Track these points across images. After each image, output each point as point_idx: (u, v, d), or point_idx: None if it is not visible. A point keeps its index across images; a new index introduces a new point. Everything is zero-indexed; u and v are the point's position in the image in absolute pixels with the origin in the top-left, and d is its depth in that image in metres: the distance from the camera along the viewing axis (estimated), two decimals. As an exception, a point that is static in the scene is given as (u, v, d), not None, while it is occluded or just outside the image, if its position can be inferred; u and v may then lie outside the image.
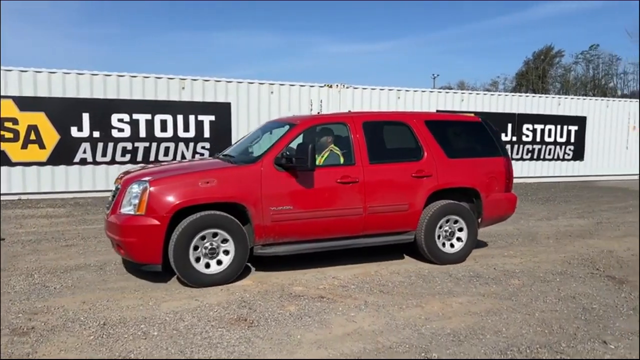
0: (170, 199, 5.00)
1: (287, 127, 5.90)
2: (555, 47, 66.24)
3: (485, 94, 16.19)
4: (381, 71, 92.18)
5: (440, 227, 6.13)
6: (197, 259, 5.14)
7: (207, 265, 5.20)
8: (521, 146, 15.83)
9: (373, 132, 6.05)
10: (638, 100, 17.95)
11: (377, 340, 3.90)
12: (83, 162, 11.34)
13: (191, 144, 12.10)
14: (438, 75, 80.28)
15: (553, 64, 67.64)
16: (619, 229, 8.48)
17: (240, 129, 12.44)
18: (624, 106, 17.37)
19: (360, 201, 5.73)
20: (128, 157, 11.63)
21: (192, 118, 12.05)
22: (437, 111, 14.49)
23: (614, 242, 7.43)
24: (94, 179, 11.43)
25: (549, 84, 66.09)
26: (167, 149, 11.91)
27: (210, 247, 5.17)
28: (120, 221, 5.06)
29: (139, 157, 11.70)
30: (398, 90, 14.21)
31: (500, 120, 15.31)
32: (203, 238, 5.13)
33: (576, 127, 16.51)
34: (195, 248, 5.11)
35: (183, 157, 12.04)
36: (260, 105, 12.61)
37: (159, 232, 4.95)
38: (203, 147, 12.18)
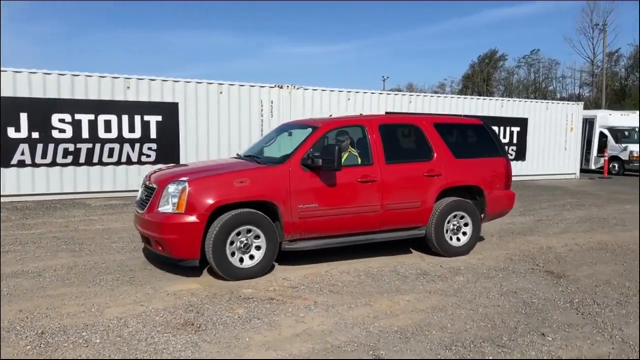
0: (209, 197, 5.31)
1: (309, 130, 6.25)
2: (499, 51, 68.82)
3: (432, 96, 16.57)
4: (332, 73, 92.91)
5: (449, 222, 6.56)
6: (232, 254, 5.41)
7: (241, 260, 5.48)
8: (467, 147, 16.34)
9: (388, 134, 6.45)
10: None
11: (326, 340, 3.92)
12: (21, 164, 10.80)
13: (137, 145, 11.76)
14: (388, 77, 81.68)
15: (497, 68, 70.19)
16: (557, 226, 8.87)
17: (189, 130, 12.22)
18: (562, 108, 18.20)
19: (378, 199, 6.13)
20: (70, 158, 11.17)
21: (137, 118, 11.71)
22: (386, 112, 14.75)
23: (553, 239, 7.77)
24: (33, 181, 10.91)
25: (493, 87, 68.53)
26: (111, 150, 11.53)
27: (244, 242, 5.46)
28: (160, 219, 5.33)
29: (82, 159, 11.27)
30: (348, 91, 14.33)
31: (447, 121, 15.71)
32: (238, 234, 5.42)
33: (518, 129, 17.16)
34: (231, 243, 5.39)
35: (129, 158, 11.68)
36: (209, 105, 12.41)
37: (198, 229, 5.24)
38: (149, 148, 11.87)
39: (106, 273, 5.64)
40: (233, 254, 5.41)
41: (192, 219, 5.23)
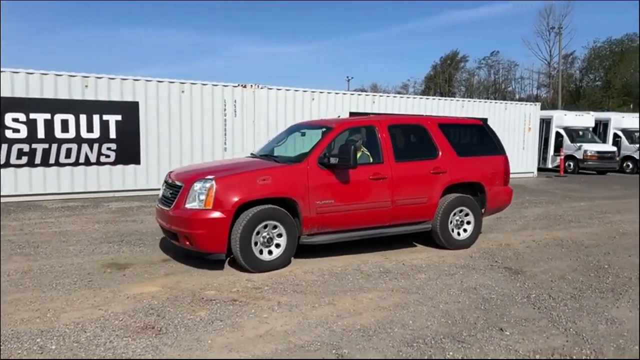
0: (235, 195, 5.61)
1: (324, 130, 6.63)
2: (460, 53, 70.23)
3: (395, 97, 16.77)
4: (297, 73, 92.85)
5: (453, 217, 6.97)
6: (256, 248, 5.72)
7: (261, 252, 5.77)
8: (429, 146, 16.60)
9: (396, 134, 6.82)
10: None
11: (289, 340, 3.91)
12: (-28, 165, 10.37)
13: (96, 145, 11.43)
14: (352, 77, 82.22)
15: (458, 69, 71.65)
16: (516, 224, 9.12)
17: (150, 130, 11.97)
18: (521, 109, 18.71)
19: (389, 195, 6.47)
20: (25, 159, 10.78)
21: (96, 118, 11.38)
22: (350, 113, 14.84)
23: (511, 236, 7.98)
24: (-15, 183, 10.49)
25: (455, 88, 69.90)
26: (69, 151, 11.17)
27: (267, 237, 5.78)
28: (189, 215, 5.60)
29: (37, 160, 10.88)
30: (312, 92, 14.33)
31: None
32: (261, 229, 5.73)
33: (478, 129, 17.55)
34: (254, 238, 5.69)
35: (87, 159, 11.36)
36: (171, 105, 12.18)
37: (225, 224, 5.53)
38: (109, 149, 11.56)
39: (63, 277, 5.47)
40: (256, 246, 5.71)
41: (220, 214, 5.52)
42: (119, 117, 11.63)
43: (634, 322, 4.37)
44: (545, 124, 21.42)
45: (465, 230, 7.09)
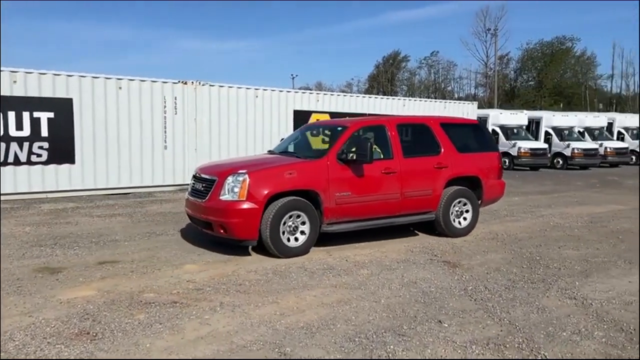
0: (266, 187, 6.17)
1: (340, 129, 7.23)
2: (402, 53, 71.72)
3: (339, 95, 16.90)
4: (240, 70, 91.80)
5: (454, 208, 7.63)
6: (283, 235, 6.27)
7: (288, 240, 6.32)
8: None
9: (404, 132, 7.47)
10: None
11: (231, 340, 3.86)
12: None
13: (26, 144, 10.84)
14: (297, 75, 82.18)
15: (400, 68, 73.13)
16: (454, 218, 9.39)
17: (85, 128, 11.46)
18: (459, 107, 19.32)
19: (398, 188, 7.11)
20: (-54, 159, 10.09)
21: (26, 115, 10.79)
22: (295, 111, 14.84)
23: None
24: None
25: (397, 87, 71.30)
26: (-4, 150, 10.55)
27: (293, 225, 6.33)
28: (224, 206, 6.13)
29: (-39, 159, 10.21)
30: (256, 89, 14.21)
31: (353, 119, 16.11)
32: (288, 218, 6.27)
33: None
34: (282, 226, 6.23)
35: (16, 158, 10.74)
36: (108, 102, 11.70)
37: (257, 213, 6.09)
38: (41, 147, 10.98)
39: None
40: (283, 233, 6.25)
41: (252, 205, 6.07)
42: (51, 115, 11.07)
43: (562, 309, 4.61)
44: (482, 122, 22.24)
45: (464, 219, 7.79)
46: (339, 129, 7.30)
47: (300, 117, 14.99)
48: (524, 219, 9.43)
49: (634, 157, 25.60)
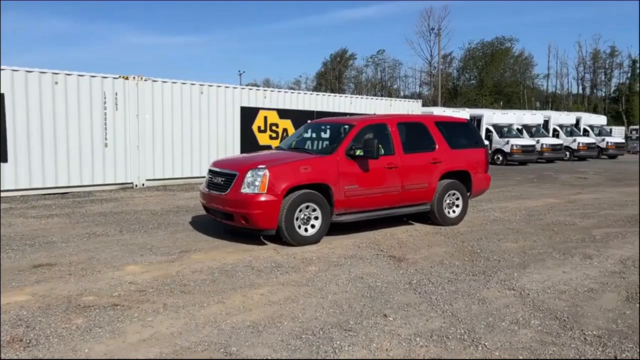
0: (284, 181, 6.66)
1: (347, 127, 7.76)
2: (349, 51, 72.39)
3: (286, 92, 16.85)
4: (184, 65, 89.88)
5: (447, 199, 8.33)
6: (298, 225, 6.77)
7: (303, 229, 6.84)
8: (320, 141, 16.87)
9: (403, 130, 8.03)
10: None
11: (175, 342, 3.76)
12: None
13: (-47, 142, 10.18)
14: (244, 72, 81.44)
15: (348, 66, 73.81)
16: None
17: (18, 125, 10.85)
18: (403, 105, 19.70)
19: (399, 181, 7.72)
20: None
21: (-48, 111, 10.13)
22: (242, 108, 14.67)
23: (395, 226, 8.34)
24: None
25: (344, 84, 71.90)
26: None
27: (306, 216, 6.85)
28: (247, 198, 6.57)
29: None
30: (201, 85, 13.94)
31: (301, 117, 16.08)
32: (302, 210, 6.77)
33: (366, 124, 18.20)
34: (297, 217, 6.72)
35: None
36: (43, 97, 11.12)
37: (276, 205, 6.56)
38: (-31, 145, 10.35)
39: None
40: (298, 225, 6.74)
41: (272, 197, 6.53)
42: (-20, 110, 10.43)
43: (501, 300, 4.78)
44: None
45: (456, 208, 8.52)
46: (346, 127, 7.83)
47: (248, 114, 14.87)
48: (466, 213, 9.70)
49: (568, 153, 26.95)
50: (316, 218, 6.93)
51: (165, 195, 11.61)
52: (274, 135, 15.55)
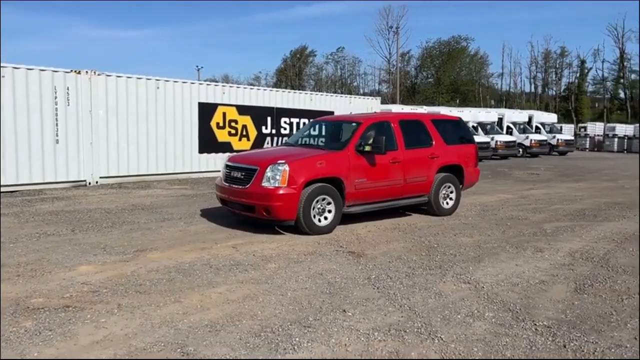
0: (303, 175, 7.18)
1: (355, 124, 8.32)
2: (309, 47, 72.36)
3: (245, 88, 16.66)
4: (142, 60, 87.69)
5: (442, 191, 9.02)
6: (313, 216, 7.29)
7: (319, 221, 7.36)
8: (280, 138, 16.77)
9: (405, 127, 8.64)
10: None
11: (130, 343, 3.67)
12: None
13: None
14: (202, 67, 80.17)
15: (308, 63, 73.76)
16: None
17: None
18: (363, 102, 19.84)
19: (402, 175, 8.37)
20: None
21: None
22: (199, 104, 14.43)
23: (355, 222, 8.40)
24: None
25: (305, 81, 71.86)
26: None
27: (321, 208, 7.37)
28: (268, 191, 7.05)
29: None
30: (157, 80, 13.61)
31: (261, 113, 15.99)
32: (318, 201, 7.30)
33: (326, 121, 18.24)
34: (313, 208, 7.25)
35: None
36: (-11, 91, 10.62)
37: (296, 197, 7.07)
38: None
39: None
40: (314, 216, 7.25)
41: (292, 190, 7.03)
42: None
43: (457, 294, 4.89)
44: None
45: (450, 200, 9.19)
46: (354, 124, 8.39)
47: (206, 110, 14.64)
48: (423, 209, 9.87)
49: (521, 150, 27.83)
50: (329, 210, 7.44)
51: (120, 193, 11.30)
52: (233, 131, 15.37)
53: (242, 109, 15.57)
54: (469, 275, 5.47)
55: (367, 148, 7.78)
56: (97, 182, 12.32)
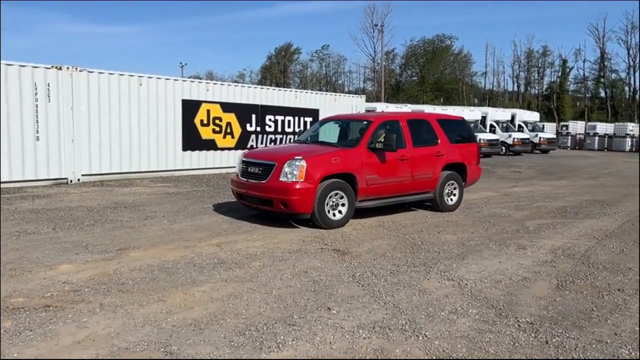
0: (319, 170, 7.46)
1: (366, 123, 8.69)
2: (294, 45, 72.21)
3: (230, 85, 16.57)
4: (123, 56, 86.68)
5: (446, 188, 9.31)
6: (328, 211, 7.54)
7: (333, 215, 7.63)
8: (265, 135, 16.71)
9: (412, 126, 8.98)
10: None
11: (112, 343, 3.62)
12: None
13: None
14: (186, 64, 79.55)
15: (293, 60, 73.60)
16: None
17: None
18: (349, 101, 19.84)
19: (410, 171, 8.68)
20: None
21: None
22: (183, 101, 14.31)
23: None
24: None
25: (290, 79, 71.70)
26: None
27: (335, 202, 7.64)
28: (287, 186, 7.30)
29: None
30: (140, 76, 13.45)
31: (245, 110, 15.90)
32: (331, 196, 7.56)
33: (311, 119, 18.19)
34: (327, 203, 7.50)
35: None
36: (-34, 88, 10.39)
37: (312, 192, 7.34)
38: None
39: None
40: (328, 210, 7.52)
41: (309, 185, 7.30)
42: None
43: (441, 291, 4.92)
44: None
45: (453, 197, 9.49)
46: (365, 123, 8.75)
47: (190, 107, 14.52)
48: (407, 208, 9.93)
49: (503, 148, 28.11)
50: (343, 205, 7.70)
51: (102, 190, 11.16)
52: (217, 129, 15.26)
53: (227, 106, 15.47)
54: (453, 273, 5.51)
55: (379, 145, 8.11)
56: (78, 180, 12.15)
